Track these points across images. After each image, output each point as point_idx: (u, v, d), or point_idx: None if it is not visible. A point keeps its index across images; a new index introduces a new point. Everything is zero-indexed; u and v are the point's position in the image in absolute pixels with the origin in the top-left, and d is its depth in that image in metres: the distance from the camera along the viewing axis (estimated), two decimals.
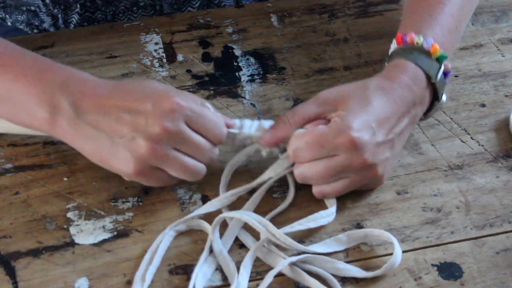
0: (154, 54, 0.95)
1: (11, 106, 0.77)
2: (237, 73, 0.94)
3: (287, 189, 0.81)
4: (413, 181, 0.82)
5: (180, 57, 0.95)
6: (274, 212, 0.78)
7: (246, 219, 0.75)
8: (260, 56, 0.96)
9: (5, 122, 0.84)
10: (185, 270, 0.74)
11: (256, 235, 0.77)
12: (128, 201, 0.80)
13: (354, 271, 0.74)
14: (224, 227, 0.77)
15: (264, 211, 0.79)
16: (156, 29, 0.98)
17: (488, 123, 0.89)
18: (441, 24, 0.84)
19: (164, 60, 0.94)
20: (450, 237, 0.78)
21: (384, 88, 0.79)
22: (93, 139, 0.75)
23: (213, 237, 0.75)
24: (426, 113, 0.84)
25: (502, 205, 0.80)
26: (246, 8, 1.02)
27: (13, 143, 0.85)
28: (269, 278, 0.72)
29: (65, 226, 0.77)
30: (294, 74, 0.94)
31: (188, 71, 0.93)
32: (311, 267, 0.74)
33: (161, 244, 0.75)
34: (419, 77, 0.80)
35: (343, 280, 0.74)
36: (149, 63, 0.93)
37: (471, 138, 0.87)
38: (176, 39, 0.97)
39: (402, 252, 0.75)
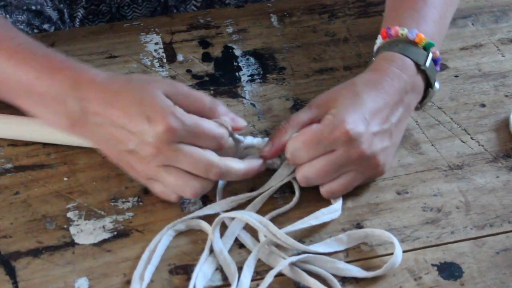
0: (154, 54, 0.95)
1: (32, 105, 0.79)
2: (237, 73, 0.94)
3: (287, 189, 0.81)
4: (413, 181, 0.82)
5: (180, 57, 0.95)
6: (275, 212, 0.78)
7: (246, 219, 0.75)
8: (260, 56, 0.96)
9: (4, 125, 0.85)
10: (185, 270, 0.74)
11: (256, 236, 0.77)
12: (128, 201, 0.80)
13: (354, 271, 0.74)
14: (224, 227, 0.77)
15: (264, 211, 0.79)
16: (156, 29, 0.98)
17: (488, 123, 0.89)
18: (425, 16, 0.85)
19: (164, 60, 0.94)
20: (450, 237, 0.78)
21: (373, 81, 0.80)
22: (101, 141, 0.78)
23: (213, 237, 0.75)
24: (421, 102, 0.84)
25: (502, 205, 0.80)
26: (246, 8, 1.02)
27: (13, 143, 0.85)
28: (269, 278, 0.72)
29: (65, 226, 0.77)
30: (294, 74, 0.94)
31: (188, 71, 0.93)
32: (312, 267, 0.74)
33: (160, 244, 0.75)
34: (408, 65, 0.81)
35: (343, 280, 0.74)
36: (149, 63, 0.93)
37: (471, 138, 0.87)
38: (176, 39, 0.97)
39: (402, 252, 0.75)
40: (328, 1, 1.03)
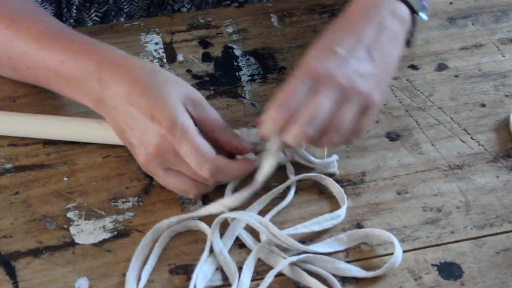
0: (154, 54, 0.95)
1: (60, 85, 0.82)
2: (237, 73, 0.94)
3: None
4: (413, 181, 0.82)
5: (180, 57, 0.95)
6: (273, 211, 0.78)
7: (246, 220, 0.75)
8: (260, 56, 0.96)
9: (4, 123, 0.85)
10: (185, 270, 0.74)
11: (257, 235, 0.77)
12: (128, 201, 0.80)
13: (355, 271, 0.74)
14: (223, 227, 0.77)
15: (264, 210, 0.79)
16: (156, 29, 0.98)
17: (488, 123, 0.89)
18: None
19: (164, 60, 0.94)
20: (450, 237, 0.78)
21: (343, 21, 0.79)
22: (117, 126, 0.79)
23: (213, 237, 0.75)
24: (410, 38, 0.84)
25: (502, 205, 0.80)
26: (246, 8, 1.02)
27: (13, 143, 0.85)
28: (269, 277, 0.72)
29: (65, 226, 0.77)
30: None
31: (188, 71, 0.93)
32: (312, 266, 0.74)
33: (158, 244, 0.75)
34: None
35: (343, 280, 0.74)
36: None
37: (471, 138, 0.87)
38: (176, 39, 0.97)
39: (402, 252, 0.75)
40: (328, 1, 1.03)
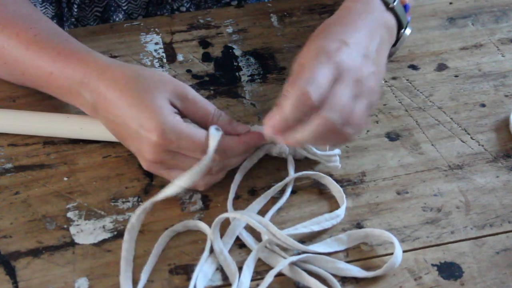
0: (154, 54, 0.95)
1: (53, 92, 0.83)
2: (237, 73, 0.94)
3: (286, 187, 0.81)
4: (413, 181, 0.82)
5: (180, 57, 0.95)
6: (272, 209, 0.78)
7: (247, 219, 0.75)
8: (260, 56, 0.96)
9: (5, 122, 0.85)
10: (185, 270, 0.74)
11: (257, 235, 0.77)
12: (128, 201, 0.80)
13: (355, 271, 0.74)
14: (224, 227, 0.77)
15: (263, 210, 0.79)
16: (156, 29, 0.98)
17: (488, 123, 0.89)
18: None
19: (164, 60, 0.94)
20: (450, 237, 0.78)
21: (341, 18, 0.81)
22: (113, 133, 0.80)
23: (214, 237, 0.75)
24: (394, 46, 0.86)
25: (502, 205, 0.80)
26: (246, 8, 1.02)
27: (13, 143, 0.85)
28: (269, 277, 0.72)
29: (65, 226, 0.78)
30: None
31: (188, 71, 0.93)
32: (312, 266, 0.74)
33: (157, 244, 0.75)
34: (375, 3, 0.82)
35: (343, 280, 0.74)
36: (149, 63, 0.93)
37: (471, 138, 0.87)
38: (176, 39, 0.97)
39: (402, 252, 0.75)
40: (328, 1, 1.03)
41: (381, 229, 0.77)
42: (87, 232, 0.77)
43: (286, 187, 0.81)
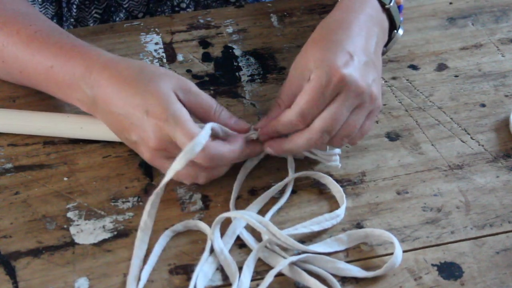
0: (154, 54, 0.95)
1: (51, 90, 0.83)
2: (237, 73, 0.94)
3: (286, 187, 0.81)
4: (413, 181, 0.82)
5: (180, 57, 0.95)
6: (273, 209, 0.78)
7: (247, 219, 0.75)
8: (260, 56, 0.96)
9: (5, 122, 0.85)
10: (185, 270, 0.74)
11: (257, 235, 0.77)
12: (128, 201, 0.80)
13: (355, 271, 0.74)
14: (224, 226, 0.77)
15: (263, 210, 0.79)
16: (156, 29, 0.98)
17: (488, 123, 0.89)
18: None
19: (164, 60, 0.94)
20: (450, 237, 0.78)
21: (339, 20, 0.82)
22: (113, 128, 0.79)
23: (214, 237, 0.75)
24: (386, 45, 0.87)
25: (502, 205, 0.80)
26: (246, 8, 1.02)
27: (13, 143, 0.85)
28: (269, 277, 0.72)
29: (65, 226, 0.77)
30: None
31: (188, 71, 0.93)
32: (312, 266, 0.74)
33: (157, 244, 0.75)
34: (372, 2, 0.84)
35: (343, 280, 0.74)
36: (149, 63, 0.93)
37: (471, 138, 0.87)
38: (176, 39, 0.97)
39: (402, 252, 0.75)
40: (328, 1, 1.03)
41: (381, 229, 0.77)
42: (87, 232, 0.77)
43: (286, 187, 0.81)
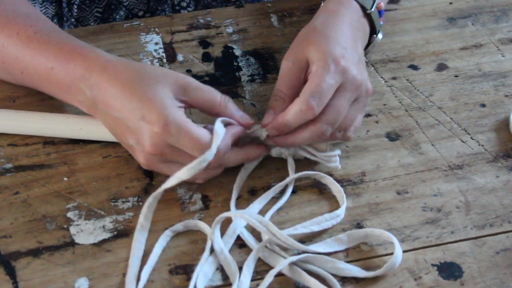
0: (154, 54, 0.95)
1: (52, 91, 0.83)
2: (237, 73, 0.94)
3: (286, 187, 0.81)
4: (413, 181, 0.82)
5: (180, 57, 0.95)
6: (272, 209, 0.78)
7: (247, 219, 0.75)
8: (260, 56, 0.96)
9: (5, 122, 0.85)
10: (185, 270, 0.74)
11: (257, 235, 0.77)
12: (128, 201, 0.80)
13: (355, 270, 0.74)
14: (224, 226, 0.77)
15: (263, 210, 0.79)
16: (156, 29, 0.98)
17: (488, 123, 0.89)
18: None
19: (164, 60, 0.94)
20: (450, 237, 0.78)
21: (328, 22, 0.84)
22: (111, 130, 0.80)
23: (214, 237, 0.75)
24: (366, 48, 0.90)
25: (502, 205, 0.80)
26: (246, 8, 1.02)
27: (13, 143, 0.85)
28: (269, 277, 0.72)
29: (65, 226, 0.77)
30: None
31: (188, 71, 0.93)
32: (312, 266, 0.74)
33: (157, 244, 0.75)
34: (354, 7, 0.86)
35: (343, 280, 0.74)
36: (149, 63, 0.93)
37: (471, 138, 0.87)
38: (176, 39, 0.97)
39: (402, 252, 0.75)
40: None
41: (381, 229, 0.77)
42: (87, 232, 0.77)
43: (286, 187, 0.81)
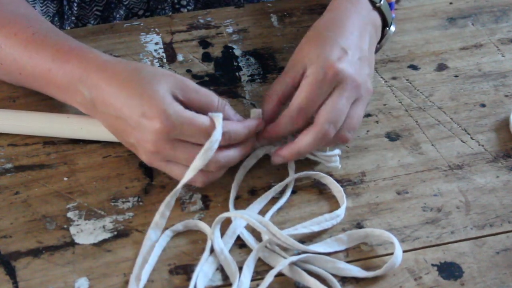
0: (154, 54, 0.95)
1: (51, 91, 0.83)
2: (237, 73, 0.94)
3: (286, 187, 0.81)
4: (413, 181, 0.82)
5: (180, 57, 0.95)
6: (272, 209, 0.78)
7: (247, 219, 0.75)
8: (260, 56, 0.96)
9: (5, 122, 0.85)
10: (185, 270, 0.74)
11: (257, 235, 0.77)
12: (128, 201, 0.80)
13: (355, 271, 0.74)
14: (224, 226, 0.77)
15: (264, 210, 0.79)
16: (156, 29, 0.98)
17: (488, 123, 0.89)
18: None
19: (164, 60, 0.94)
20: (450, 237, 0.78)
21: (332, 20, 0.85)
22: (112, 130, 0.80)
23: (214, 237, 0.75)
24: (380, 42, 0.90)
25: (502, 205, 0.80)
26: (246, 8, 1.02)
27: (13, 143, 0.85)
28: (269, 278, 0.72)
29: (65, 226, 0.77)
30: None
31: (188, 71, 0.93)
32: (312, 266, 0.74)
33: (157, 244, 0.75)
34: (362, 2, 0.87)
35: (343, 280, 0.74)
36: (149, 63, 0.93)
37: (471, 138, 0.87)
38: (176, 39, 0.97)
39: (402, 252, 0.75)
40: (328, 1, 1.03)
41: (381, 229, 0.77)
42: (87, 232, 0.77)
43: (286, 187, 0.81)
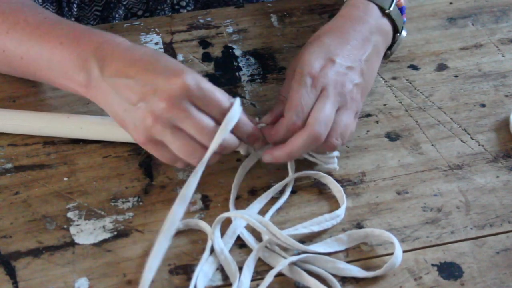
0: None
1: (51, 73, 0.81)
2: (237, 73, 0.94)
3: (286, 186, 0.81)
4: (413, 181, 0.82)
5: (180, 57, 0.95)
6: (272, 209, 0.79)
7: (247, 219, 0.75)
8: (260, 56, 0.96)
9: (5, 122, 0.85)
10: (185, 270, 0.74)
11: (257, 235, 0.77)
12: (128, 201, 0.80)
13: (355, 271, 0.74)
14: (224, 226, 0.77)
15: (263, 210, 0.79)
16: (156, 29, 0.98)
17: (488, 123, 0.89)
18: None
19: None
20: (450, 237, 0.78)
21: (335, 27, 0.85)
22: (111, 101, 0.77)
23: (214, 237, 0.75)
24: (391, 48, 0.90)
25: (502, 205, 0.80)
26: (246, 8, 1.02)
27: (13, 143, 0.85)
28: (269, 278, 0.72)
29: (65, 226, 0.78)
30: None
31: None
32: (312, 266, 0.74)
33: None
34: (371, 9, 0.87)
35: (343, 280, 0.74)
36: None
37: (471, 138, 0.87)
38: (176, 39, 0.97)
39: (402, 252, 0.75)
40: (328, 1, 1.03)
41: (381, 229, 0.77)
42: (87, 232, 0.77)
43: (286, 187, 0.81)
